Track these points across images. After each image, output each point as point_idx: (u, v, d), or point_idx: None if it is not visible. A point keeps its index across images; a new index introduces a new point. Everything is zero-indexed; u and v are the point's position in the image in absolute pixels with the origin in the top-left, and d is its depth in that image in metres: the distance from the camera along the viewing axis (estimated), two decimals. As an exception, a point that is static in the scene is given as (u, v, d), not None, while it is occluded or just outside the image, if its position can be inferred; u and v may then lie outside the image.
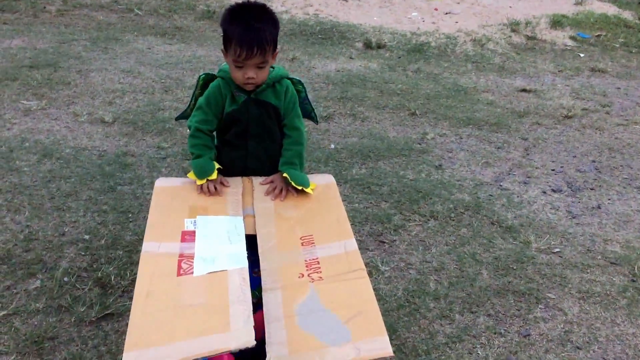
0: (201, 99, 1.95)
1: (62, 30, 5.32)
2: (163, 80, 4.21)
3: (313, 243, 1.70)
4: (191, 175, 1.88)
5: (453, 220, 2.70)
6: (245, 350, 1.33)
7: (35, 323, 1.89)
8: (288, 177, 1.86)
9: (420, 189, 2.94)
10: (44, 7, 5.96)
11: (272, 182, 1.90)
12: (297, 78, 2.00)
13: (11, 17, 5.61)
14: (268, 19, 1.82)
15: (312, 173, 2.53)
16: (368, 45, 5.61)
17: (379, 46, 5.60)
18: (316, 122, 2.13)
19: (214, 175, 1.86)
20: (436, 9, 6.83)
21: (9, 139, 3.13)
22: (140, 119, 3.49)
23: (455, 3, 7.05)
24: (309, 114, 2.06)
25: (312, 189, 1.90)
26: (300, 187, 1.86)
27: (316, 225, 1.78)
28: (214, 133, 1.96)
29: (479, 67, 5.29)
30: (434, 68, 5.14)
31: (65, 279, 2.09)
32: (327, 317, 1.45)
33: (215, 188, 1.85)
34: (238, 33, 1.76)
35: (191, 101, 2.01)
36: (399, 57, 5.38)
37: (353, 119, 3.81)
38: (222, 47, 1.86)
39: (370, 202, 2.79)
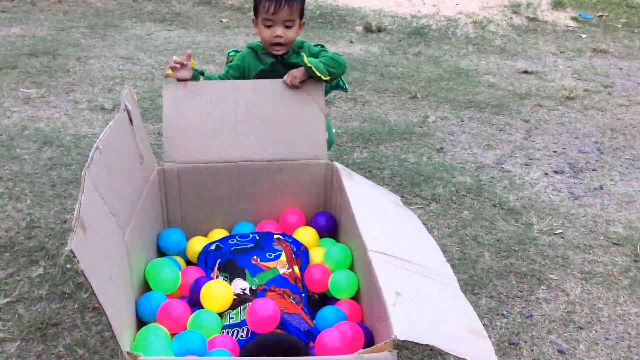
0: (226, 69, 2.22)
1: (60, 18, 5.29)
2: (162, 67, 4.19)
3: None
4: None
5: (455, 203, 2.69)
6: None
7: (39, 310, 1.90)
8: (307, 62, 1.97)
9: (422, 172, 2.93)
10: (42, -5, 5.92)
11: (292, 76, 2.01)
12: (321, 44, 2.17)
13: (9, 5, 5.58)
14: None
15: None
16: (368, 28, 5.58)
17: (379, 30, 5.57)
18: (345, 89, 2.25)
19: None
20: (436, -8, 6.77)
21: (9, 127, 3.13)
22: (140, 105, 3.47)
23: (456, -15, 6.99)
24: (337, 83, 2.19)
25: (327, 79, 1.99)
26: (317, 72, 1.96)
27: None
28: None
29: (480, 50, 5.26)
30: (434, 51, 5.11)
31: (68, 265, 2.10)
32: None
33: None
34: None
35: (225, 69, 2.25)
36: (400, 41, 5.35)
37: (354, 103, 3.80)
38: (253, 15, 2.14)
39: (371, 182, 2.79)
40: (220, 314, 1.65)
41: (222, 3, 6.12)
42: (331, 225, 2.07)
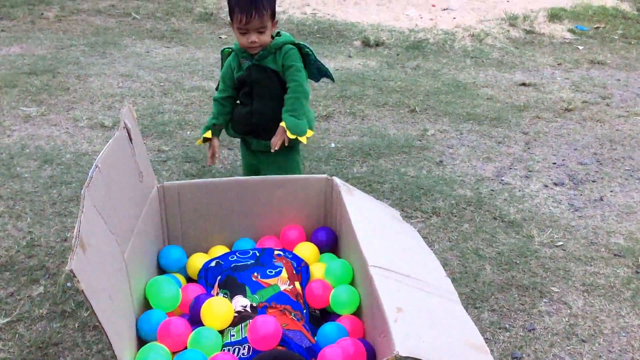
0: (220, 74, 2.36)
1: (60, 36, 5.32)
2: (162, 84, 4.21)
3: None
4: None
5: (455, 216, 2.69)
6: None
7: (40, 329, 1.89)
8: (284, 125, 2.17)
9: (422, 185, 2.93)
10: (42, 14, 5.96)
11: (273, 143, 2.20)
12: (303, 43, 2.28)
13: (9, 24, 5.61)
14: None
15: (312, 173, 2.53)
16: (366, 43, 5.61)
17: (377, 44, 5.60)
18: (332, 79, 2.43)
19: (208, 134, 2.31)
20: (434, 5, 6.82)
21: (9, 146, 3.13)
22: (139, 122, 3.49)
23: (453, -1, 7.03)
24: (325, 73, 2.36)
25: (306, 137, 2.21)
26: (294, 136, 2.17)
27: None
28: (227, 100, 2.33)
29: (477, 63, 5.28)
30: (432, 64, 5.13)
31: (69, 284, 2.09)
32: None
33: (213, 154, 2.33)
34: (239, 2, 2.12)
35: (221, 71, 2.38)
36: (398, 55, 5.38)
37: (353, 117, 3.81)
38: (230, 20, 2.22)
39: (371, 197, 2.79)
40: (221, 332, 1.64)
41: (221, 19, 6.16)
42: (331, 240, 2.07)
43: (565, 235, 2.59)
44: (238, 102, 2.36)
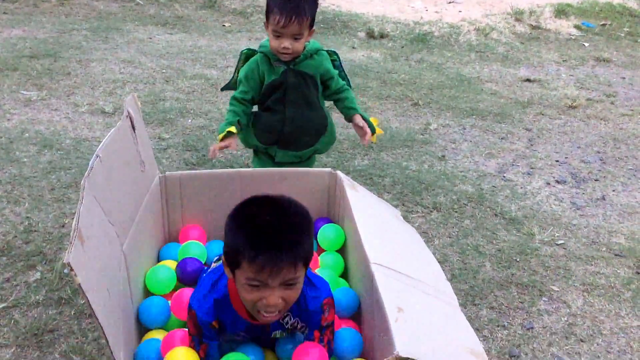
0: (241, 73, 2.20)
1: (62, 20, 5.28)
2: (164, 70, 4.18)
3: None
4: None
5: (456, 211, 2.68)
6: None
7: (35, 315, 1.88)
8: (374, 121, 2.22)
9: (423, 180, 2.92)
10: (44, -3, 5.91)
11: (361, 127, 2.19)
12: (332, 49, 2.25)
13: (11, 6, 5.57)
14: None
15: (315, 165, 2.51)
16: (371, 34, 5.57)
17: (382, 36, 5.56)
18: (350, 86, 2.37)
19: (233, 129, 2.12)
20: (439, -2, 6.77)
21: (8, 130, 3.11)
22: (140, 109, 3.46)
23: (459, -8, 6.98)
24: (346, 81, 2.32)
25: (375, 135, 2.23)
26: (379, 132, 2.22)
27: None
28: (250, 103, 2.20)
29: (482, 57, 5.25)
30: (437, 58, 5.10)
31: (65, 270, 2.08)
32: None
33: (225, 148, 2.12)
34: (279, 2, 1.99)
35: (234, 74, 2.27)
36: (402, 47, 5.34)
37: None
38: (265, 18, 2.10)
39: (373, 194, 2.77)
40: None
41: (225, 7, 6.11)
42: None
43: (566, 234, 2.57)
44: (261, 109, 2.23)
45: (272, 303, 1.27)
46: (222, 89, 2.40)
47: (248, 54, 2.23)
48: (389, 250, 1.64)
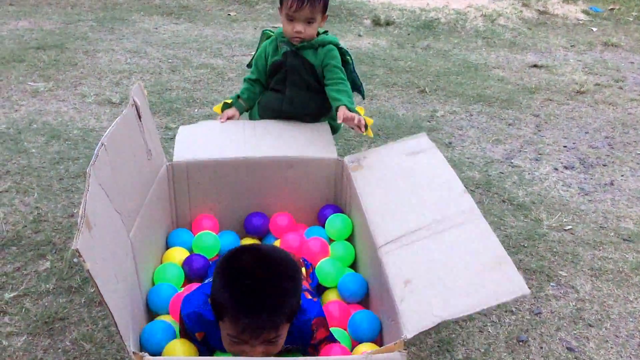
0: (255, 54, 2.28)
1: (68, 11, 5.29)
2: (170, 60, 4.18)
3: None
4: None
5: (463, 198, 2.67)
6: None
7: (46, 304, 1.90)
8: (361, 110, 2.11)
9: (430, 167, 2.91)
10: (50, -12, 5.92)
11: (351, 118, 2.02)
12: (346, 48, 2.21)
13: (17, -2, 5.58)
14: None
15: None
16: (376, 22, 5.54)
17: (388, 23, 5.53)
18: (363, 96, 2.41)
19: (228, 101, 2.22)
20: (446, -16, 6.72)
21: (16, 121, 3.13)
22: (147, 99, 3.47)
23: (465, -22, 6.93)
24: (358, 88, 2.31)
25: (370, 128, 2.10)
26: (370, 122, 2.08)
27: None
28: (255, 83, 2.26)
29: (489, 43, 5.21)
30: (443, 44, 5.07)
31: (75, 259, 2.09)
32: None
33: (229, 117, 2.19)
34: None
35: (256, 52, 2.31)
36: (408, 34, 5.31)
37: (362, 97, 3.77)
38: (279, 3, 2.13)
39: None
40: None
41: (230, -4, 6.10)
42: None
43: (574, 219, 2.56)
44: (268, 89, 2.28)
45: (253, 357, 1.29)
46: (247, 66, 2.43)
47: (268, 35, 2.28)
48: (397, 217, 1.62)
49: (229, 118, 2.20)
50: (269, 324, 1.25)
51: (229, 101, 2.24)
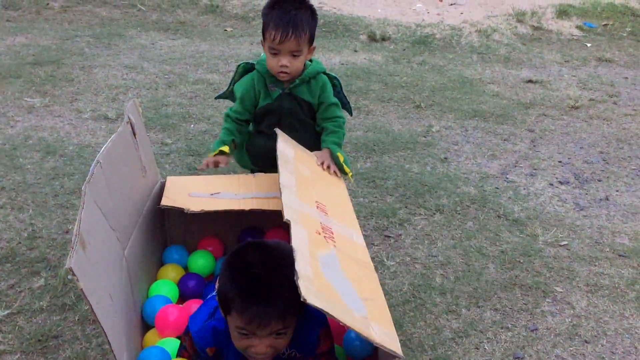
0: (237, 91, 2.12)
1: (65, 27, 5.31)
2: (166, 76, 4.19)
3: (326, 213, 1.65)
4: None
5: (459, 213, 2.68)
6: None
7: (40, 322, 1.89)
8: (340, 157, 1.99)
9: (426, 182, 2.92)
10: (47, 4, 5.94)
11: (320, 157, 1.98)
12: (334, 74, 2.12)
13: (14, 14, 5.60)
14: (306, 8, 1.96)
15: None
16: (372, 37, 5.57)
17: (384, 39, 5.56)
18: (350, 113, 2.28)
19: (226, 149, 2.05)
20: (441, 0, 6.77)
21: (12, 137, 3.13)
22: (143, 115, 3.47)
23: (460, -6, 6.98)
24: (345, 106, 2.20)
25: (350, 175, 2.02)
26: (347, 172, 1.99)
27: (330, 200, 1.75)
28: (245, 123, 2.12)
29: (484, 59, 5.24)
30: (439, 60, 5.10)
31: (69, 277, 2.08)
32: (346, 284, 1.36)
33: (216, 165, 2.02)
34: (275, 17, 1.90)
35: (229, 86, 2.19)
36: (404, 50, 5.34)
37: (357, 112, 3.78)
38: (262, 36, 2.00)
39: (375, 196, 2.77)
40: None
41: (227, 12, 6.13)
42: None
43: (569, 235, 2.57)
44: (255, 130, 2.15)
45: (260, 352, 1.32)
46: (216, 98, 2.34)
47: (246, 68, 2.14)
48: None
49: (216, 165, 2.05)
50: (275, 313, 1.27)
51: (226, 149, 2.07)
